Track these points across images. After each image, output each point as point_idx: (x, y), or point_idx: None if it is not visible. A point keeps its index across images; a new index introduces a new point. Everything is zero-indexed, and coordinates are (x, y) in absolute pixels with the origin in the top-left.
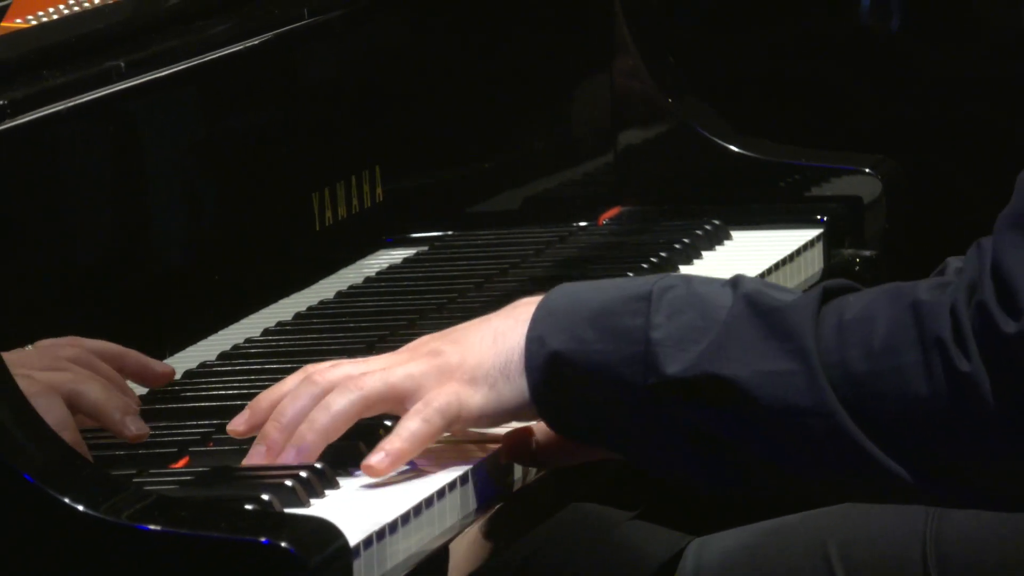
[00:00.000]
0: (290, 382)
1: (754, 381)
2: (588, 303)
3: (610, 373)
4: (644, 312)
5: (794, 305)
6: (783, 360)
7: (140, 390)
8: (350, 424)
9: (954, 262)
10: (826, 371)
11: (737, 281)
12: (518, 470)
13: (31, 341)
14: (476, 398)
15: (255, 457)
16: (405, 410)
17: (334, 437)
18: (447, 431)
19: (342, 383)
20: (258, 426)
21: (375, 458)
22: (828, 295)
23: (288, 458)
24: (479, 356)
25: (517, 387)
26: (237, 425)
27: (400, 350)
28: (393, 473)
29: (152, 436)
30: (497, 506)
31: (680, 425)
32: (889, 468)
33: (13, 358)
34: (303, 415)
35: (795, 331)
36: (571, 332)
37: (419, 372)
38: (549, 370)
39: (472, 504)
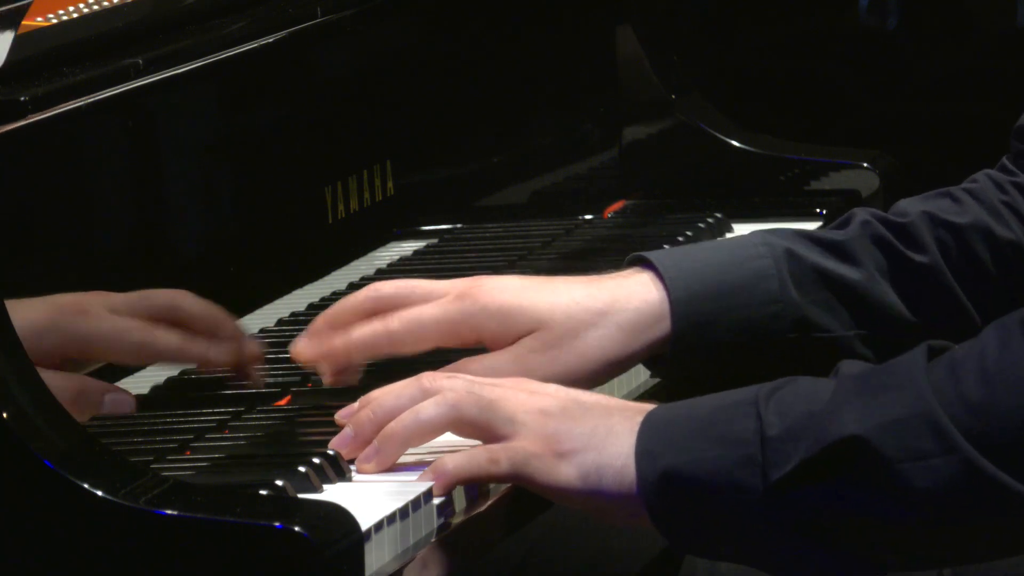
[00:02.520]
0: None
1: (875, 434)
2: (693, 415)
3: (725, 479)
4: (753, 415)
5: (899, 361)
6: (900, 408)
7: (156, 379)
8: (435, 436)
9: (861, 212)
10: (945, 410)
11: (839, 367)
12: None
13: None
14: (560, 475)
15: (342, 440)
16: (491, 442)
17: (416, 444)
18: (507, 481)
19: (444, 393)
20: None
21: (423, 475)
22: (932, 353)
23: (368, 456)
24: (585, 442)
25: (609, 489)
26: (345, 417)
27: (520, 385)
28: (405, 460)
29: (169, 423)
30: (500, 493)
31: (802, 521)
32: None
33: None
34: (398, 412)
35: (907, 379)
36: (680, 445)
37: (521, 421)
38: (662, 485)
39: (477, 490)
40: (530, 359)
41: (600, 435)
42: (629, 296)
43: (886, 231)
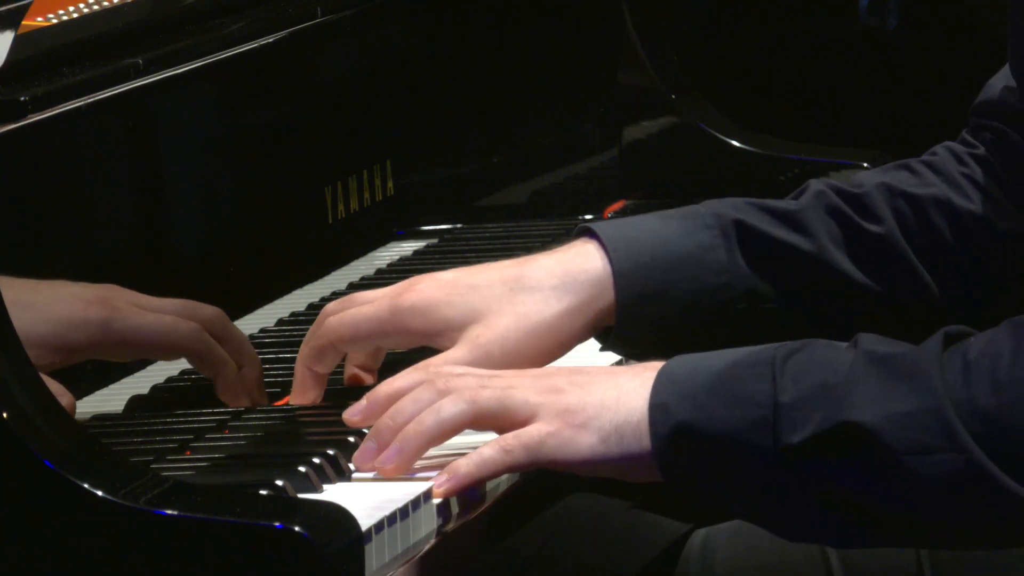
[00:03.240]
0: (409, 377)
1: (884, 425)
2: (709, 370)
3: (738, 439)
4: (769, 377)
5: (916, 351)
6: (912, 401)
7: (156, 379)
8: (456, 433)
9: (816, 183)
10: (956, 409)
11: (858, 339)
12: None
13: None
14: (582, 445)
15: (366, 454)
16: (510, 430)
17: (438, 443)
18: (528, 468)
19: (459, 391)
20: (373, 418)
21: (438, 480)
22: (949, 340)
23: (389, 456)
24: (599, 407)
25: (630, 447)
26: (353, 415)
27: (524, 372)
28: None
29: (169, 423)
30: (501, 492)
31: (810, 488)
32: None
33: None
34: (416, 415)
35: (921, 373)
36: (695, 400)
37: (536, 403)
38: (675, 439)
39: (477, 491)
40: (482, 343)
41: (612, 397)
42: (569, 269)
43: (840, 201)
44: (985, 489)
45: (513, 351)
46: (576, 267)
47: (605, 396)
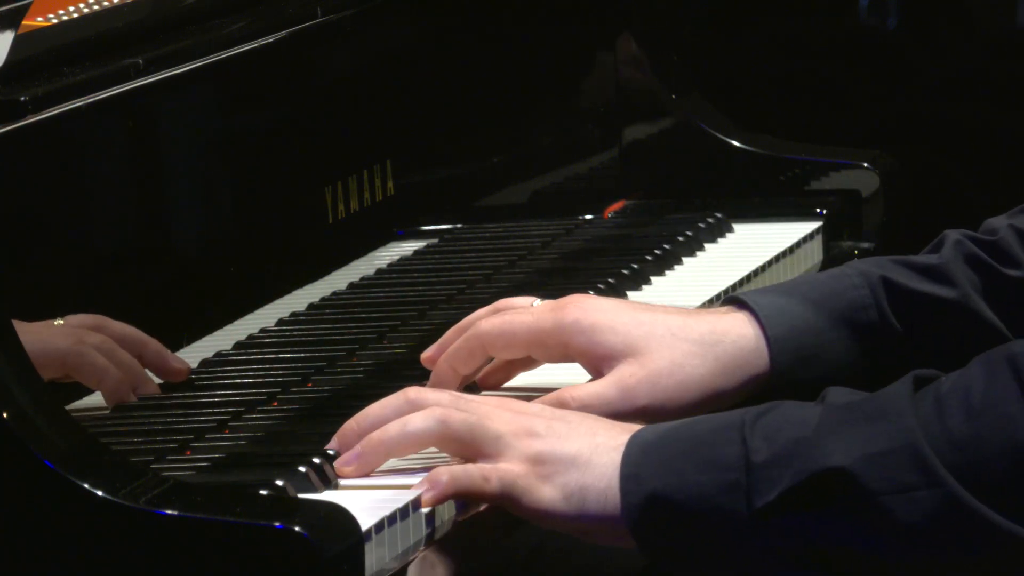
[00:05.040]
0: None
1: (859, 467)
2: (680, 436)
3: (710, 505)
4: (739, 440)
5: (886, 392)
6: (885, 440)
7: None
8: (420, 449)
9: (953, 234)
10: (930, 443)
11: (825, 394)
12: None
13: None
14: (543, 496)
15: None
16: (475, 460)
17: (400, 455)
18: (494, 503)
19: (431, 408)
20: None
21: (423, 486)
22: (919, 382)
23: (349, 459)
24: (568, 463)
25: (592, 510)
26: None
27: (505, 403)
28: (407, 461)
29: (169, 423)
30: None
31: (786, 547)
32: (1011, 531)
33: (31, 328)
34: (383, 423)
35: (893, 412)
36: (668, 466)
37: (507, 442)
38: (648, 509)
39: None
40: (633, 385)
41: (584, 455)
42: (726, 331)
43: (978, 249)
44: (964, 522)
45: (660, 397)
46: (734, 331)
47: (579, 452)
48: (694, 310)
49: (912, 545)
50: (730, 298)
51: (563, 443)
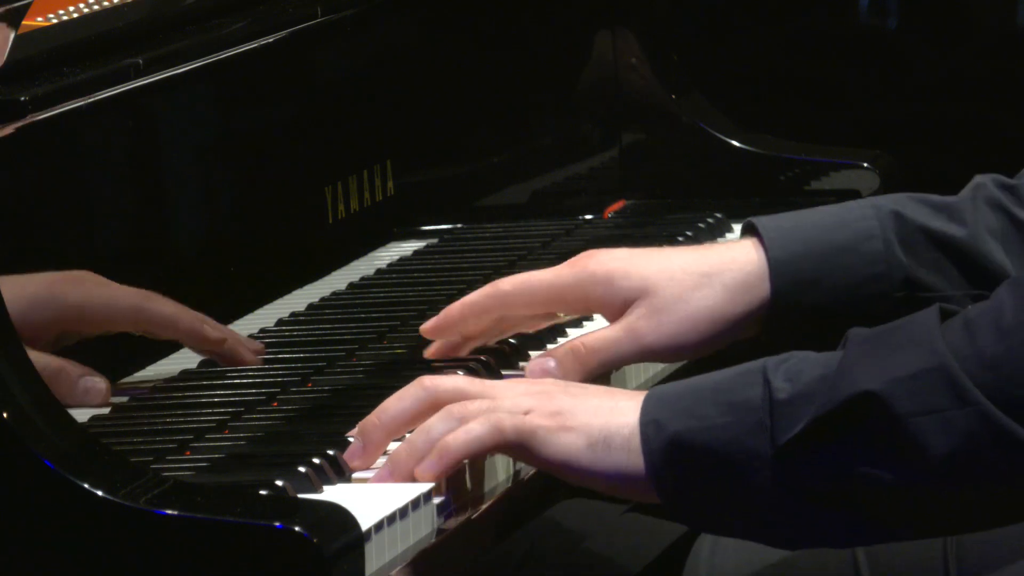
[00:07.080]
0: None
1: (889, 390)
2: (700, 385)
3: (733, 446)
4: (762, 382)
5: (911, 319)
6: (915, 363)
7: (153, 381)
8: (482, 455)
9: (979, 178)
10: (961, 364)
11: (848, 335)
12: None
13: None
14: (567, 444)
15: (353, 452)
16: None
17: (470, 458)
18: (510, 454)
19: (448, 409)
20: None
21: (427, 463)
22: (944, 314)
23: (427, 466)
24: (590, 413)
25: (617, 459)
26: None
27: (520, 381)
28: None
29: (169, 423)
30: (500, 493)
31: (810, 485)
32: None
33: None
34: (404, 416)
35: (921, 336)
36: (689, 412)
37: (527, 405)
38: (669, 453)
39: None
40: (639, 325)
41: (605, 408)
42: (733, 258)
43: (999, 192)
44: (997, 443)
45: (666, 333)
46: (741, 257)
47: (599, 407)
48: (706, 245)
49: (944, 473)
50: (747, 224)
51: (581, 399)
